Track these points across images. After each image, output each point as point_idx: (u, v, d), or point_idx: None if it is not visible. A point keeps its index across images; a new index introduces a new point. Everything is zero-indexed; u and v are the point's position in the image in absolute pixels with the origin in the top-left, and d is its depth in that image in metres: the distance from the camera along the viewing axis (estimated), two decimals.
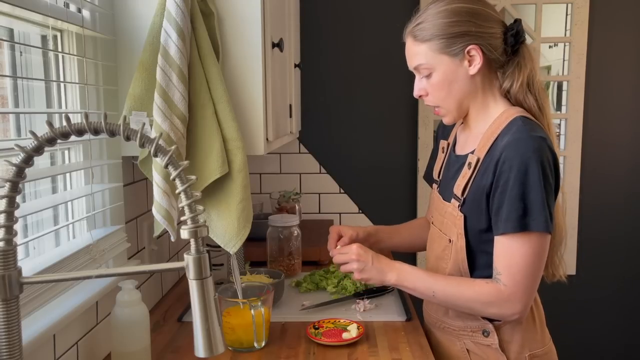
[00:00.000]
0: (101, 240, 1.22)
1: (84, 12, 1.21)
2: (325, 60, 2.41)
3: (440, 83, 1.16)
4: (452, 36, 1.12)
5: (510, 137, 1.09)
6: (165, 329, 1.39)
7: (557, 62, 3.00)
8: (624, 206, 2.48)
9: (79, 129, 0.75)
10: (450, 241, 1.21)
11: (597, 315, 2.55)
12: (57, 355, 1.04)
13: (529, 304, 1.12)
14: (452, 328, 1.25)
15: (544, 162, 1.06)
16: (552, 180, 1.09)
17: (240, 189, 1.25)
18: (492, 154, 1.12)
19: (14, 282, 0.76)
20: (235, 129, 1.24)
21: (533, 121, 1.14)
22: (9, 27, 1.07)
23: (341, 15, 2.39)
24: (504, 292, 1.10)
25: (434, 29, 1.13)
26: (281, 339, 1.32)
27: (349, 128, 2.44)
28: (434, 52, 1.14)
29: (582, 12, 2.34)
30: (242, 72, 1.31)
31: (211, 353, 0.76)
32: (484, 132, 1.17)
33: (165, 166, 0.75)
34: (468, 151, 1.21)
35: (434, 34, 1.14)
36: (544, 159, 1.06)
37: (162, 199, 1.16)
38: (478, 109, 1.20)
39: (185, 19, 1.17)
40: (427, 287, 1.16)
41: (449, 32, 1.12)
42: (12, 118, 1.08)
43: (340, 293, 1.62)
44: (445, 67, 1.14)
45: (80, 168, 1.19)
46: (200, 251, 0.75)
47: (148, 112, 1.20)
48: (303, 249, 1.86)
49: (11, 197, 0.75)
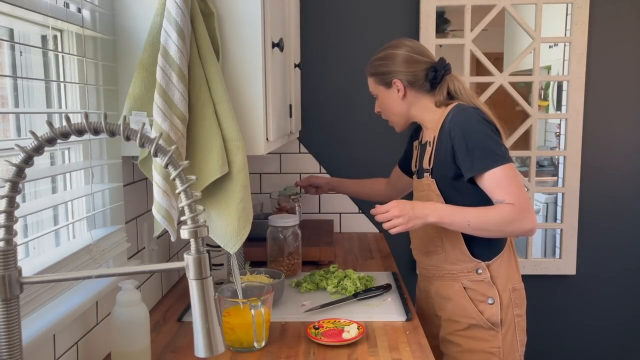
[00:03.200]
0: (101, 240, 1.22)
1: (84, 12, 1.21)
2: (325, 60, 2.41)
3: (383, 104, 1.64)
4: (383, 73, 1.59)
5: (452, 113, 1.48)
6: (165, 329, 1.39)
7: (557, 62, 3.00)
8: (624, 206, 2.48)
9: (79, 129, 0.75)
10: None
11: (597, 315, 2.55)
12: (57, 355, 1.04)
13: (535, 216, 1.39)
14: (451, 273, 1.54)
15: (483, 116, 1.45)
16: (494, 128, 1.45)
17: (240, 189, 1.25)
18: (442, 129, 1.49)
19: (14, 282, 0.76)
20: (235, 129, 1.24)
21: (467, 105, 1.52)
22: (9, 27, 1.07)
23: (341, 15, 2.39)
24: (517, 208, 1.36)
25: (374, 68, 1.60)
26: (281, 339, 1.32)
27: (349, 128, 2.44)
28: (376, 84, 1.62)
29: (582, 12, 2.34)
30: (242, 72, 1.31)
31: (211, 353, 0.76)
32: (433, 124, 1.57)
33: (165, 166, 0.75)
34: (426, 138, 1.61)
35: (374, 72, 1.61)
36: (482, 115, 1.45)
37: (162, 199, 1.16)
38: (422, 114, 1.60)
39: (185, 19, 1.17)
40: (462, 218, 1.40)
41: (381, 71, 1.59)
42: (12, 118, 1.08)
43: (340, 293, 1.62)
44: (383, 94, 1.62)
45: (80, 168, 1.19)
46: (200, 251, 0.75)
47: (148, 112, 1.20)
48: (303, 249, 1.86)
49: (11, 197, 0.75)
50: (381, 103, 1.63)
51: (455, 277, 1.53)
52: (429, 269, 1.61)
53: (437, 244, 1.56)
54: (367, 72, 1.63)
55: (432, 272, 1.60)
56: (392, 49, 1.59)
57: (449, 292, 1.55)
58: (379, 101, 1.64)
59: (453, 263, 1.53)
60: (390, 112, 1.63)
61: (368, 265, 1.96)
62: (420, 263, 1.67)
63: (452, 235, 1.51)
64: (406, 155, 1.85)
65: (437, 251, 1.56)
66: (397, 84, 1.57)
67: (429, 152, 1.54)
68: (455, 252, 1.52)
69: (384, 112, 1.65)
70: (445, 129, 1.48)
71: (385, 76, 1.58)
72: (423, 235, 1.59)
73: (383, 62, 1.59)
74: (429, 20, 2.32)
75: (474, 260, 1.50)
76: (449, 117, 1.49)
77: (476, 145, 1.40)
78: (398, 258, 2.18)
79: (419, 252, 1.65)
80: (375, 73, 1.60)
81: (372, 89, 1.64)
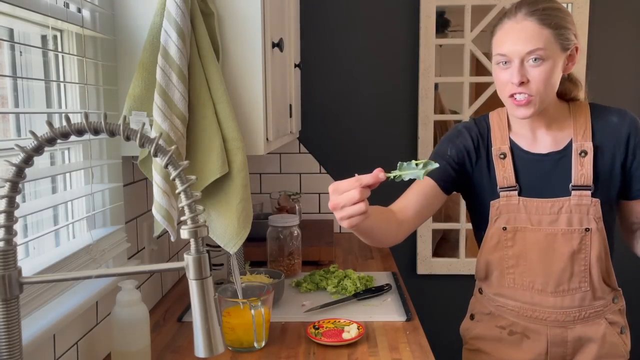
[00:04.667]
0: (101, 240, 1.22)
1: (84, 12, 1.21)
2: (325, 60, 2.41)
3: (548, 71, 1.18)
4: (567, 30, 1.20)
5: (616, 117, 1.27)
6: (165, 329, 1.39)
7: None
8: None
9: (79, 129, 0.75)
10: (588, 230, 1.25)
11: None
12: (57, 355, 1.04)
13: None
14: (597, 310, 1.30)
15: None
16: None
17: (240, 189, 1.25)
18: (604, 134, 1.26)
19: (14, 282, 0.76)
20: (235, 128, 1.24)
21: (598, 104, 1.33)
22: (9, 27, 1.07)
23: (341, 15, 2.39)
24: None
25: (557, 20, 1.18)
26: (281, 339, 1.32)
27: (349, 128, 2.44)
28: (553, 41, 1.18)
29: (582, 12, 2.34)
30: (242, 72, 1.31)
31: (211, 353, 0.76)
32: (566, 122, 1.28)
33: (165, 166, 0.75)
34: (558, 145, 1.28)
35: (558, 24, 1.18)
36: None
37: (162, 199, 1.16)
38: (555, 104, 1.28)
39: (185, 18, 1.17)
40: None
41: (566, 26, 1.20)
42: (12, 118, 1.08)
43: (340, 293, 1.62)
44: (555, 57, 1.19)
45: (80, 168, 1.19)
46: (200, 251, 0.75)
47: (148, 112, 1.20)
48: (303, 249, 1.86)
49: (11, 197, 0.75)
50: (545, 69, 1.18)
51: (600, 313, 1.30)
52: (568, 312, 1.29)
53: (583, 280, 1.27)
54: (541, 19, 1.18)
55: (573, 314, 1.29)
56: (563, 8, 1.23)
57: (594, 332, 1.29)
58: (542, 66, 1.17)
59: (600, 298, 1.30)
60: (550, 85, 1.19)
61: (368, 265, 1.96)
62: (546, 305, 1.30)
63: (602, 264, 1.27)
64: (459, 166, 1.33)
65: (582, 288, 1.28)
66: (575, 53, 1.23)
67: (585, 164, 1.24)
68: (602, 284, 1.29)
69: (539, 83, 1.18)
70: (610, 133, 1.25)
71: (568, 35, 1.20)
72: (558, 271, 1.27)
73: (566, 16, 1.21)
74: (429, 20, 2.32)
75: (615, 289, 1.33)
76: (615, 119, 1.27)
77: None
78: (398, 258, 2.18)
79: (546, 294, 1.29)
80: (560, 26, 1.19)
81: (541, 44, 1.17)
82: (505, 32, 1.21)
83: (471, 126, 1.35)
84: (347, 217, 0.97)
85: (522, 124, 1.30)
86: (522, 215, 1.28)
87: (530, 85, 1.18)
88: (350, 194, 0.95)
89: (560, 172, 1.26)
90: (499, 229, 1.30)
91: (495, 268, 1.34)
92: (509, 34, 1.20)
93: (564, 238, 1.25)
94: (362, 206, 0.95)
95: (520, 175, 1.29)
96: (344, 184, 0.96)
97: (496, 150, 1.31)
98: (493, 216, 1.31)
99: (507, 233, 1.29)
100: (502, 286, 1.34)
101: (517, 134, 1.31)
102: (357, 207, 0.95)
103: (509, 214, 1.29)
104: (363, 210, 0.95)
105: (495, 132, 1.33)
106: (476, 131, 1.34)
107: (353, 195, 0.94)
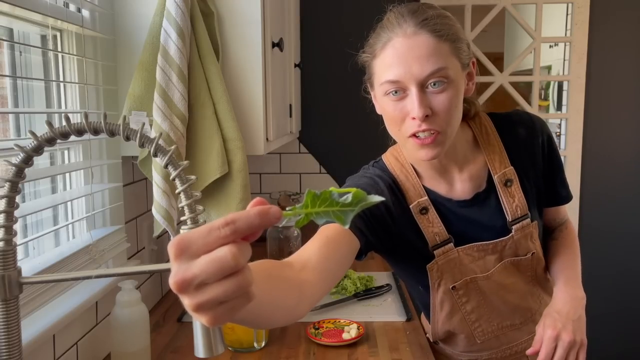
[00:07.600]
0: (101, 240, 1.22)
1: (84, 12, 1.21)
2: (325, 60, 2.41)
3: (452, 93, 0.93)
4: (461, 42, 0.96)
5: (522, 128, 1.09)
6: (165, 329, 1.39)
7: (557, 62, 3.00)
8: (624, 206, 2.48)
9: (78, 129, 0.75)
10: (533, 254, 1.12)
11: (597, 315, 2.55)
12: (57, 355, 1.04)
13: None
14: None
15: None
16: None
17: (240, 189, 1.25)
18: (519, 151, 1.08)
19: (13, 282, 0.75)
20: (235, 128, 1.24)
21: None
22: (9, 26, 1.07)
23: (341, 15, 2.39)
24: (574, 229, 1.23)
25: (448, 28, 0.94)
26: (281, 339, 1.32)
27: (349, 128, 2.44)
28: (451, 54, 0.93)
29: (582, 12, 2.34)
30: (242, 72, 1.31)
31: (211, 353, 0.76)
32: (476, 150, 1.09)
33: (165, 166, 0.74)
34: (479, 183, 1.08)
35: (450, 34, 0.93)
36: None
37: (162, 199, 1.16)
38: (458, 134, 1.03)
39: (185, 18, 1.17)
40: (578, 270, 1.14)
41: (460, 38, 0.96)
42: (11, 118, 1.08)
43: (341, 293, 1.61)
44: (457, 74, 0.94)
45: (80, 168, 1.19)
46: None
47: (148, 112, 1.20)
48: None
49: (11, 197, 0.75)
50: (449, 95, 0.93)
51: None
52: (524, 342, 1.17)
53: (538, 294, 1.17)
54: (436, 30, 0.92)
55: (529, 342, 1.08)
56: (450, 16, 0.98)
57: None
58: (447, 92, 0.92)
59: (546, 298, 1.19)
60: (456, 114, 0.96)
61: (368, 265, 1.96)
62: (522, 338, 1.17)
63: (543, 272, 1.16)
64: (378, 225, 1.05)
65: (541, 301, 1.17)
66: (473, 70, 1.00)
67: (514, 194, 1.07)
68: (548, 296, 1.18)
69: (444, 114, 0.93)
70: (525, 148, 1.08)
71: (464, 47, 0.96)
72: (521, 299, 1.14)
73: (455, 24, 0.97)
74: None
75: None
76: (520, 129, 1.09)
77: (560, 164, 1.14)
78: None
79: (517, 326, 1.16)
80: (457, 37, 0.94)
81: (442, 63, 0.91)
82: (392, 52, 0.93)
83: (382, 176, 1.09)
84: (209, 307, 0.43)
85: (428, 166, 1.07)
86: (467, 267, 1.09)
87: (435, 118, 0.93)
88: (215, 258, 0.42)
89: (492, 212, 1.08)
90: (448, 291, 1.11)
91: (460, 332, 1.16)
92: (398, 54, 0.92)
93: (514, 268, 1.11)
94: (240, 281, 0.43)
95: (451, 225, 1.07)
96: (200, 236, 0.43)
97: (415, 206, 1.06)
98: (434, 280, 1.10)
99: (458, 291, 1.10)
100: (473, 344, 1.17)
101: (430, 180, 1.09)
102: (230, 284, 0.43)
103: (452, 271, 1.09)
104: (243, 289, 0.44)
105: (405, 184, 1.08)
106: (389, 183, 1.08)
107: (222, 259, 0.42)
